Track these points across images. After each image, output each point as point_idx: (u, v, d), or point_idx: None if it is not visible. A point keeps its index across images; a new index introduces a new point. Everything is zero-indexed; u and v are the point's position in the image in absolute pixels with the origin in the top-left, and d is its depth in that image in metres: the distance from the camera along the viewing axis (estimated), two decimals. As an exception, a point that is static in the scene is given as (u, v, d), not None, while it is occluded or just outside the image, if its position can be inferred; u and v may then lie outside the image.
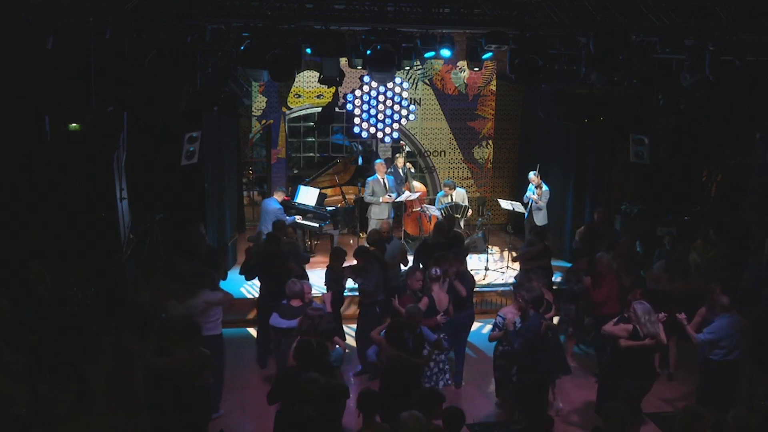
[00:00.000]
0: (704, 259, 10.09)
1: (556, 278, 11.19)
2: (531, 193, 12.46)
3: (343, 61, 9.90)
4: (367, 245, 9.69)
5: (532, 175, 12.48)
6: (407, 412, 5.63)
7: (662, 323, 7.49)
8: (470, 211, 13.12)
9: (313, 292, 8.61)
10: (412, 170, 13.67)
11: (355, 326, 9.49)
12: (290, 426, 5.84)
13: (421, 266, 9.47)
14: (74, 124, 8.63)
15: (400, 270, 9.78)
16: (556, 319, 9.08)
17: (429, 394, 6.10)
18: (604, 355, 7.96)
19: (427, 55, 9.88)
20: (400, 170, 13.38)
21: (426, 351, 7.54)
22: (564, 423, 8.17)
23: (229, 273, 10.68)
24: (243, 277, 9.84)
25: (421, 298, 8.34)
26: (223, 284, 10.58)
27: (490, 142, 14.85)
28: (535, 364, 7.49)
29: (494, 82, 14.56)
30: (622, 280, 9.26)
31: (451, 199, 12.68)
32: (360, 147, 15.35)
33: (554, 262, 11.37)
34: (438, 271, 8.50)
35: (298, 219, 12.47)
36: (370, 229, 11.90)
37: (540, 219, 12.36)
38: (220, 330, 7.98)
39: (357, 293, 9.65)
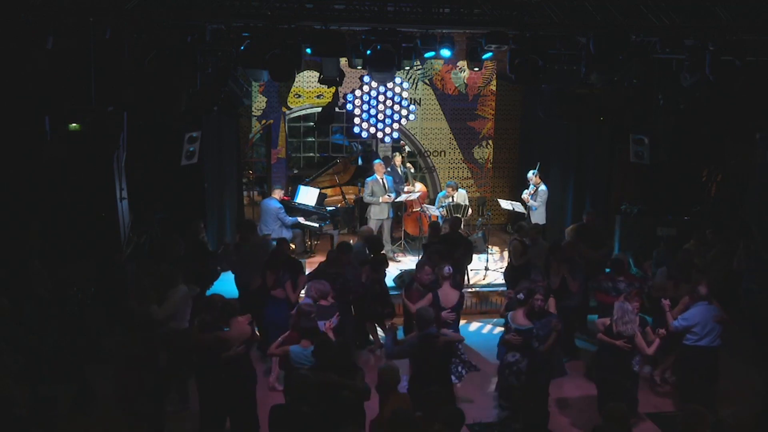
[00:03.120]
0: (704, 259, 10.07)
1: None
2: (524, 193, 12.49)
3: (343, 61, 9.91)
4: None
5: (531, 174, 12.49)
6: (384, 365, 5.98)
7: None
8: (470, 210, 13.14)
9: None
10: (412, 170, 13.66)
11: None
12: (283, 421, 5.94)
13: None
14: (74, 124, 8.66)
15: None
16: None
17: (432, 395, 6.10)
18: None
19: (427, 55, 9.89)
20: (398, 169, 13.37)
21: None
22: (564, 422, 8.17)
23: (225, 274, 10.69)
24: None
25: (426, 294, 8.46)
26: (218, 284, 10.69)
27: (490, 142, 14.83)
28: (546, 363, 7.58)
29: (494, 82, 14.53)
30: (570, 284, 9.13)
31: (453, 200, 12.69)
32: (360, 147, 15.34)
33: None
34: (449, 269, 8.58)
35: (301, 220, 12.45)
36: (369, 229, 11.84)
37: (537, 218, 12.36)
38: None
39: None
